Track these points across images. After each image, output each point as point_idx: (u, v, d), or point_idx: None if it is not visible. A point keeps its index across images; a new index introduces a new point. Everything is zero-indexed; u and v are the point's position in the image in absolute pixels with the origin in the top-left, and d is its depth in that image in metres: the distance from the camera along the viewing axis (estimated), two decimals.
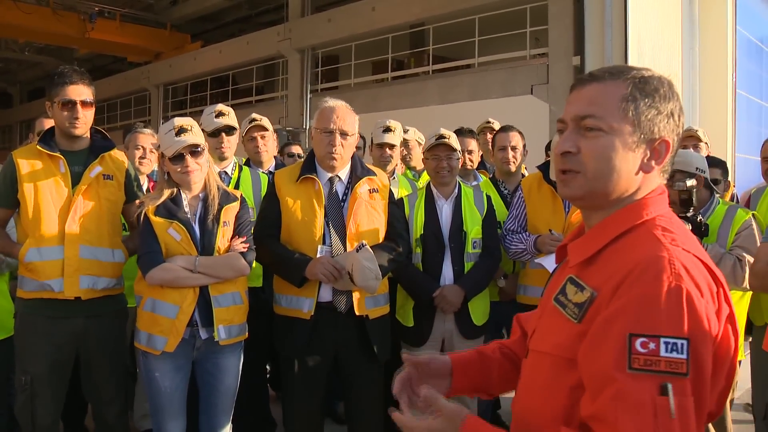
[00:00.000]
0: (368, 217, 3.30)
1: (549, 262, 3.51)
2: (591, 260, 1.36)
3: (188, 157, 3.00)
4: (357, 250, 3.10)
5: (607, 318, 1.22)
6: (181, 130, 3.00)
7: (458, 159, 3.76)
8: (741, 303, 3.64)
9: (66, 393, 3.28)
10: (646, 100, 1.33)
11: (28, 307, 3.17)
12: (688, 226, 2.98)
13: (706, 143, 5.04)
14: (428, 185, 3.81)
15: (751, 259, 3.32)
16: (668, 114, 1.34)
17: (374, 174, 3.38)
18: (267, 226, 3.30)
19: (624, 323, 1.19)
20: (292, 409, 3.32)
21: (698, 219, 3.26)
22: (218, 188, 3.12)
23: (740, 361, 3.63)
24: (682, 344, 1.15)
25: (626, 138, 1.33)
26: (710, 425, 3.55)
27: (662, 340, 1.15)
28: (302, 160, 3.45)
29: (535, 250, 3.68)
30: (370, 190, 3.33)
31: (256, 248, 3.22)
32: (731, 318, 1.26)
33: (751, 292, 3.68)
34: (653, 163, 1.35)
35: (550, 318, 1.39)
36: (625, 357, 1.16)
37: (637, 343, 1.16)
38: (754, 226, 3.54)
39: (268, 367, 4.59)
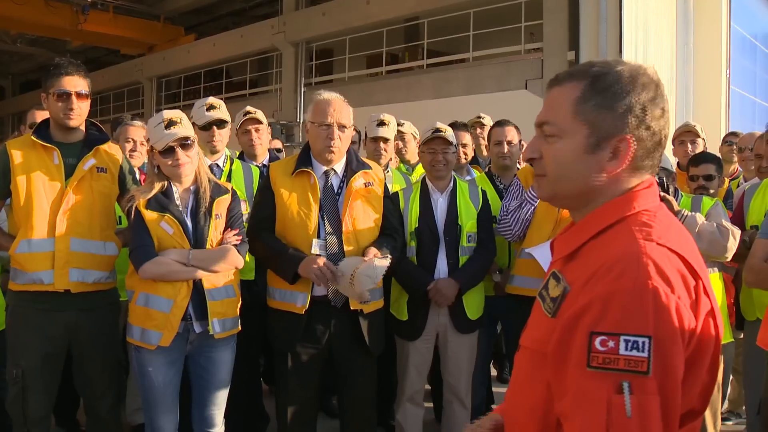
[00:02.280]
0: (364, 211, 3.29)
1: (538, 252, 3.51)
2: (573, 255, 1.35)
3: (178, 150, 2.97)
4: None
5: (572, 316, 1.21)
6: (170, 123, 2.97)
7: (454, 153, 3.75)
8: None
9: (58, 386, 3.26)
10: (597, 99, 1.30)
11: (19, 300, 3.15)
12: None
13: (703, 139, 5.06)
14: (423, 179, 3.80)
15: (735, 228, 3.49)
16: (626, 110, 1.29)
17: (369, 167, 3.37)
18: (262, 220, 3.28)
19: (587, 321, 1.17)
20: (285, 404, 3.31)
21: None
22: (209, 181, 3.10)
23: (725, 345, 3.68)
24: (644, 342, 1.12)
25: (582, 140, 1.31)
26: (707, 416, 3.55)
27: (622, 338, 1.13)
28: (297, 153, 3.43)
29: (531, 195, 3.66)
30: (365, 183, 3.31)
31: (250, 241, 3.20)
32: (712, 312, 1.23)
33: (721, 282, 3.76)
34: (615, 162, 1.31)
35: (535, 312, 1.39)
36: (585, 355, 1.15)
37: (597, 341, 1.14)
38: (720, 206, 3.70)
39: (261, 360, 4.58)
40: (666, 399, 1.13)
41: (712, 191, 4.00)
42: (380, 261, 3.09)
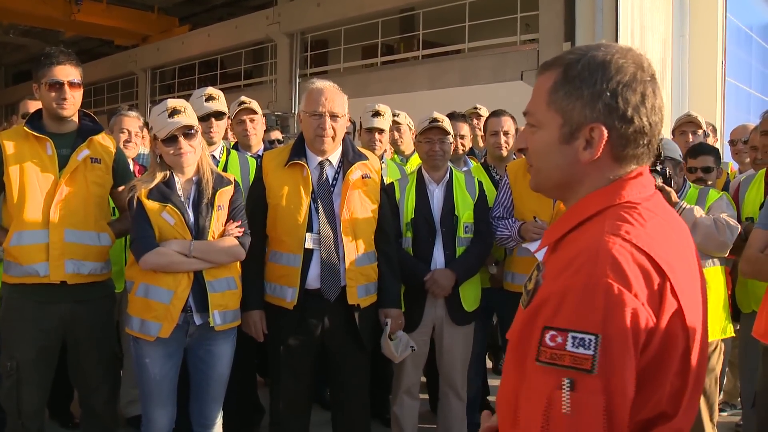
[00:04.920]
0: (362, 205, 3.27)
1: (534, 247, 3.50)
2: (556, 246, 1.34)
3: (181, 139, 2.94)
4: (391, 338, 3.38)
5: (533, 309, 1.21)
6: (174, 112, 2.94)
7: (451, 143, 3.73)
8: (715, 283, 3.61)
9: (52, 379, 3.24)
10: (566, 87, 1.27)
11: (14, 292, 3.13)
12: (658, 179, 3.06)
13: (704, 130, 5.07)
14: (420, 169, 3.78)
15: (732, 222, 3.43)
16: (595, 96, 1.25)
17: (366, 158, 3.34)
18: (252, 214, 3.25)
19: (543, 316, 1.17)
20: (279, 396, 3.30)
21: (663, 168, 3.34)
22: (212, 171, 3.07)
23: (721, 340, 3.65)
24: (590, 340, 1.11)
25: (557, 131, 1.29)
26: (702, 408, 3.53)
27: (570, 334, 1.12)
28: (291, 142, 3.40)
29: (519, 237, 3.66)
30: (362, 175, 3.29)
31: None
32: (680, 313, 1.19)
33: (723, 277, 3.71)
34: (591, 152, 1.27)
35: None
36: (536, 349, 1.16)
37: (547, 336, 1.14)
38: (725, 200, 3.65)
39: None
40: (611, 399, 1.11)
41: (710, 183, 3.99)
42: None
